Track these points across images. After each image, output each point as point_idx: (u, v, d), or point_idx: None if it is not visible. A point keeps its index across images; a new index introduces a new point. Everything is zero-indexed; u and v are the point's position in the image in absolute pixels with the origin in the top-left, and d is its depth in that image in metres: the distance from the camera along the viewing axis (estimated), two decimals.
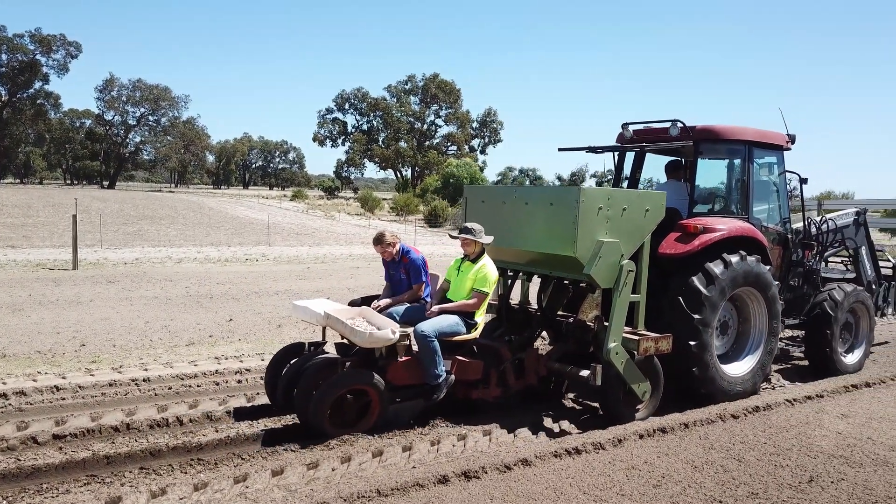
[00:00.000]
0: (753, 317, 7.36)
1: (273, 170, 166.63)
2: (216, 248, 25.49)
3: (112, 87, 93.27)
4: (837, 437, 6.07)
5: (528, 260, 6.77)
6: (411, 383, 5.87)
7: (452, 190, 62.10)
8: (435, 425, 6.02)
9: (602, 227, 6.00)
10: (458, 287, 6.37)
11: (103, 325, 9.67)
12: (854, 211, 9.49)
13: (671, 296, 6.69)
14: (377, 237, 6.71)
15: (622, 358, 6.09)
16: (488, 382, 6.28)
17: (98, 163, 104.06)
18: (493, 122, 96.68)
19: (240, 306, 11.64)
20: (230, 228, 41.37)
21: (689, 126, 7.24)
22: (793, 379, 8.32)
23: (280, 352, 6.34)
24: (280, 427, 5.68)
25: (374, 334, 5.54)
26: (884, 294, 9.76)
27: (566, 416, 6.60)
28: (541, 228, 6.30)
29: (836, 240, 8.89)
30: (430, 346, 5.75)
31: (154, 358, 7.98)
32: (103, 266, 17.48)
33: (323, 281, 15.44)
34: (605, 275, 6.01)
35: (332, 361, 5.86)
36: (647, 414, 6.43)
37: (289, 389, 5.86)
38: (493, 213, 6.83)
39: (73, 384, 6.66)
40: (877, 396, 7.48)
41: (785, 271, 8.14)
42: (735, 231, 6.92)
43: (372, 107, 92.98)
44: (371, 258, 21.84)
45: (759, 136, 7.51)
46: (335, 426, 5.46)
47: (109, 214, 47.32)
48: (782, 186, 8.05)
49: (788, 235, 8.11)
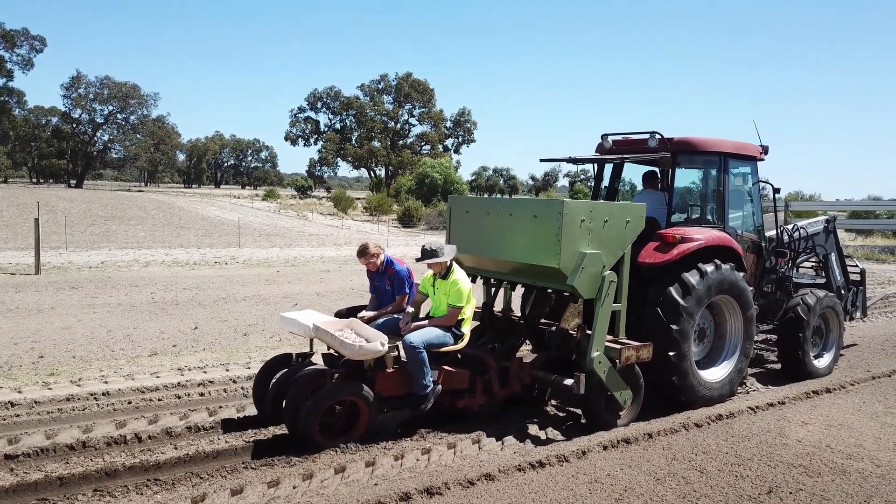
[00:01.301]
0: (729, 323, 7.57)
1: (245, 168, 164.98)
2: (185, 251, 25.12)
3: (79, 85, 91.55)
4: (798, 446, 6.15)
5: (512, 270, 6.85)
6: (399, 394, 5.95)
7: (426, 190, 62.08)
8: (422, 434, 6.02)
9: (584, 238, 6.13)
10: (437, 305, 6.50)
11: (64, 334, 9.45)
12: (824, 219, 9.83)
13: (650, 306, 6.84)
14: (361, 249, 6.79)
15: (605, 367, 6.22)
16: (474, 391, 6.37)
17: (65, 161, 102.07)
18: (467, 121, 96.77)
19: (206, 313, 11.47)
20: (200, 229, 40.85)
21: (666, 138, 7.41)
22: (766, 382, 8.48)
23: (268, 362, 6.38)
24: (241, 444, 5.58)
25: (363, 347, 5.61)
26: (852, 298, 10.07)
27: (549, 422, 6.68)
28: (524, 240, 6.41)
29: (807, 247, 9.17)
30: (419, 357, 5.82)
31: (115, 370, 7.81)
32: (67, 270, 17.12)
33: (292, 285, 15.29)
34: (588, 286, 6.14)
35: (320, 372, 5.91)
36: (629, 420, 6.58)
37: (277, 400, 5.91)
38: (476, 223, 6.93)
39: (29, 399, 6.49)
40: (836, 402, 7.60)
41: (759, 278, 8.38)
42: (712, 241, 7.11)
43: (345, 106, 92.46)
44: (341, 261, 21.71)
45: (734, 148, 7.75)
46: (325, 437, 5.51)
47: (76, 215, 46.44)
48: (756, 196, 8.32)
49: (762, 243, 8.35)
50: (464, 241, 7.06)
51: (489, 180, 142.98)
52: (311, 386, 5.76)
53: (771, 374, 8.92)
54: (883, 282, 20.07)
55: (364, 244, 6.82)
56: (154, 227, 41.06)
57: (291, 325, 6.28)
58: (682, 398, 6.99)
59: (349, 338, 5.77)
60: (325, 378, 5.84)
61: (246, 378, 7.59)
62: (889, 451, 6.13)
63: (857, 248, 30.65)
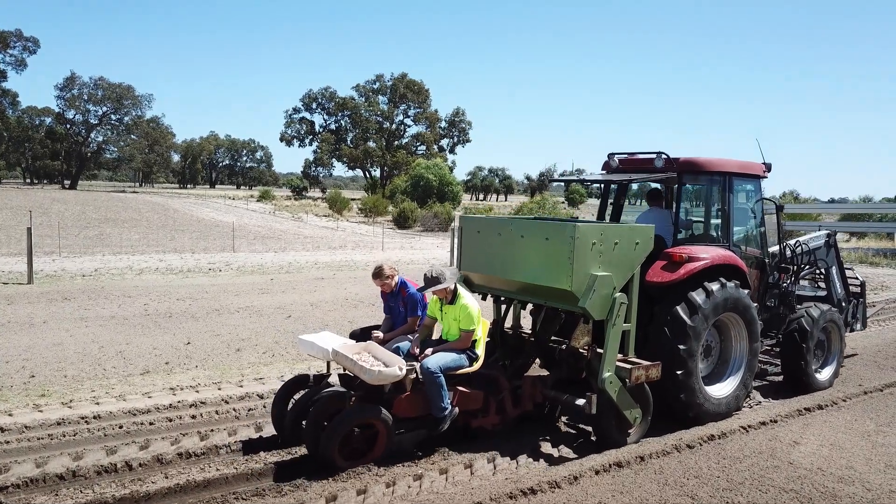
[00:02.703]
0: (735, 339, 7.72)
1: (240, 168, 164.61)
2: (179, 256, 25.05)
3: (73, 86, 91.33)
4: (789, 469, 6.16)
5: (522, 289, 6.95)
6: (415, 415, 6.05)
7: (421, 191, 62.00)
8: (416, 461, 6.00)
9: (595, 261, 6.21)
10: (447, 329, 6.59)
11: (55, 351, 9.41)
12: (825, 233, 10.07)
13: (657, 324, 6.99)
14: (376, 271, 6.92)
15: (615, 386, 6.38)
16: (487, 411, 6.50)
17: (59, 162, 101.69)
18: (462, 121, 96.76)
19: (198, 327, 11.43)
20: (195, 232, 40.74)
21: (672, 158, 7.55)
22: (768, 395, 8.62)
23: (286, 384, 6.48)
24: (232, 472, 5.55)
25: (382, 372, 5.70)
26: (852, 311, 10.26)
27: (561, 439, 6.83)
28: (536, 261, 6.49)
29: (809, 261, 9.35)
30: (437, 381, 5.94)
31: (107, 390, 7.78)
32: (60, 279, 17.06)
33: (285, 295, 15.26)
34: (599, 307, 6.23)
35: (340, 395, 5.99)
36: (639, 437, 6.71)
37: (296, 422, 6.03)
38: (487, 243, 7.03)
39: (20, 424, 6.46)
40: (828, 420, 7.62)
41: (762, 293, 8.55)
42: (717, 259, 7.28)
43: (340, 106, 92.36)
44: (335, 267, 21.68)
45: (738, 168, 7.94)
46: (344, 458, 5.61)
47: (70, 217, 46.30)
48: (759, 212, 8.47)
49: (765, 259, 8.52)
50: (474, 259, 7.23)
51: (484, 180, 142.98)
52: (330, 408, 5.86)
53: (773, 386, 9.00)
54: (877, 287, 20.15)
55: (379, 266, 6.96)
56: (148, 229, 40.94)
57: (310, 348, 6.39)
58: (689, 414, 7.14)
59: (367, 362, 5.87)
60: (344, 400, 5.93)
61: (238, 398, 7.58)
62: (880, 474, 6.15)
63: (850, 250, 30.74)
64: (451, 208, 55.70)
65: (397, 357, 6.03)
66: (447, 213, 51.60)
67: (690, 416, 7.14)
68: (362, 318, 12.65)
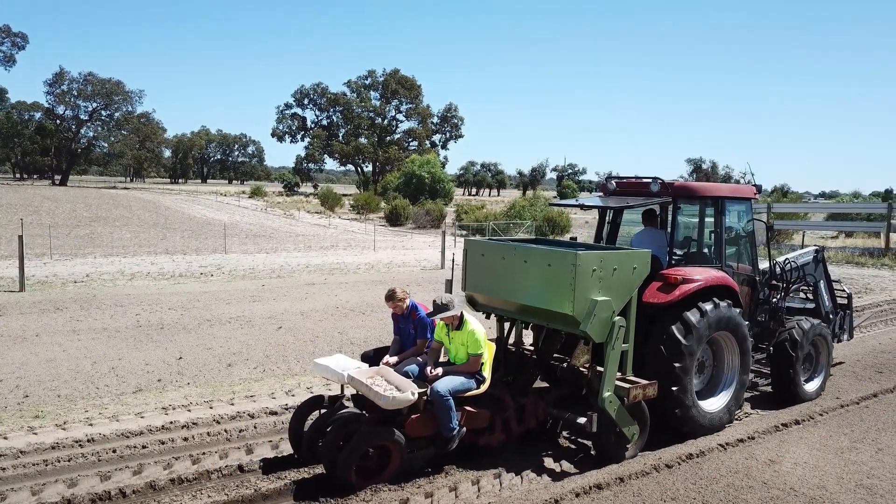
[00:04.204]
0: (727, 356, 8.09)
1: (232, 163, 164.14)
2: (171, 258, 25.13)
3: (62, 81, 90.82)
4: (763, 490, 6.38)
5: (525, 311, 7.29)
6: (426, 435, 6.40)
7: (413, 189, 62.08)
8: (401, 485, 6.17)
9: (596, 286, 6.56)
10: (454, 354, 6.93)
11: (48, 368, 9.53)
12: (814, 250, 10.53)
13: (654, 344, 7.33)
14: (389, 294, 7.23)
15: (615, 405, 6.74)
16: (493, 429, 6.87)
17: (49, 158, 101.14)
18: (454, 117, 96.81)
19: (190, 340, 11.58)
20: (187, 230, 40.75)
21: (667, 183, 7.92)
22: (757, 406, 9.00)
23: (303, 404, 6.82)
24: (223, 499, 5.73)
25: (397, 397, 6.02)
26: (839, 322, 10.71)
27: (563, 455, 7.18)
28: (538, 286, 6.83)
29: (798, 277, 9.77)
30: (446, 403, 6.30)
31: (100, 410, 7.93)
32: (52, 286, 17.14)
33: (277, 303, 15.40)
34: (599, 331, 6.58)
35: (355, 417, 6.33)
36: (636, 452, 7.06)
37: (314, 440, 6.41)
38: (491, 265, 7.36)
39: (15, 450, 6.60)
40: (804, 436, 7.85)
41: (753, 309, 8.92)
42: (711, 281, 7.62)
43: (331, 102, 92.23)
44: (326, 271, 21.82)
45: (730, 192, 8.35)
46: (360, 478, 5.96)
47: (61, 216, 46.19)
48: (751, 232, 8.83)
49: (756, 277, 8.88)
50: (479, 281, 7.58)
51: (477, 175, 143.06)
52: (346, 430, 6.19)
53: (762, 397, 9.35)
54: (861, 290, 20.42)
55: (392, 290, 7.24)
56: (140, 228, 40.92)
57: (325, 372, 6.77)
58: (684, 429, 7.48)
59: (381, 386, 6.21)
60: (358, 422, 6.27)
61: (229, 418, 7.74)
62: (850, 494, 6.37)
63: (837, 249, 31.09)
64: (443, 205, 55.82)
65: (409, 381, 6.36)
66: (439, 211, 51.75)
67: (685, 431, 7.49)
68: (353, 328, 12.83)
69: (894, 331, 14.47)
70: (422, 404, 6.35)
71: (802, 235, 35.27)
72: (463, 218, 47.52)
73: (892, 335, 13.91)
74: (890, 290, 20.90)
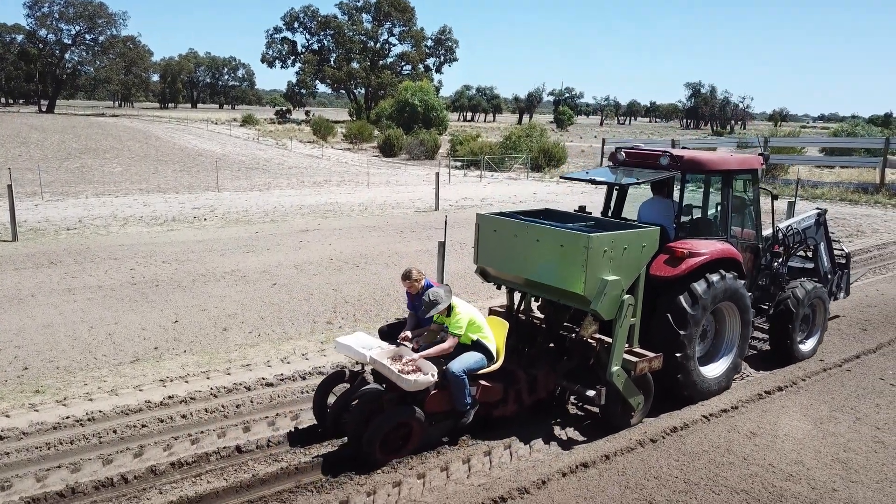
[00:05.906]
0: (729, 324, 8.41)
1: (222, 87, 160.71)
2: (163, 197, 25.04)
3: (43, 3, 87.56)
4: (742, 465, 6.64)
5: (535, 287, 7.55)
6: (443, 410, 6.80)
7: (407, 117, 61.13)
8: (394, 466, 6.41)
9: (606, 266, 6.84)
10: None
11: (46, 336, 9.65)
12: (815, 213, 10.77)
13: (660, 313, 7.61)
14: (405, 274, 7.62)
15: (622, 379, 7.10)
16: (507, 401, 7.22)
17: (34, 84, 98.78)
18: (448, 40, 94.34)
19: (185, 298, 11.68)
20: (178, 162, 40.42)
21: (676, 155, 8.04)
22: (757, 366, 9.33)
23: (326, 379, 7.20)
24: (223, 485, 5.94)
25: (418, 380, 6.41)
26: (837, 281, 11.13)
27: (571, 422, 7.56)
28: (550, 265, 7.08)
29: (799, 241, 10.10)
30: (461, 381, 6.70)
31: (98, 383, 8.08)
32: (45, 234, 17.13)
33: (271, 254, 15.47)
34: (609, 309, 6.91)
35: (376, 394, 6.66)
36: (640, 419, 7.51)
37: (338, 415, 6.83)
38: (503, 241, 7.60)
39: (18, 431, 6.77)
40: (785, 405, 8.10)
41: (755, 275, 9.27)
42: (716, 254, 7.86)
43: (322, 25, 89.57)
44: (320, 214, 21.78)
45: (738, 164, 8.51)
46: (383, 453, 6.38)
47: (50, 147, 45.63)
48: (756, 200, 9.03)
49: (759, 244, 9.18)
50: (491, 255, 7.82)
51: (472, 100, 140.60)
52: (370, 407, 6.55)
53: (761, 356, 9.74)
54: (853, 233, 20.54)
55: (408, 270, 7.61)
56: (131, 160, 40.53)
57: (348, 351, 7.08)
58: (684, 393, 7.85)
59: (403, 368, 6.56)
60: (380, 398, 6.63)
61: (226, 391, 7.92)
62: (826, 469, 6.64)
63: (831, 185, 31.07)
64: (437, 135, 55.10)
65: (428, 363, 6.66)
66: (434, 141, 51.13)
67: (685, 395, 7.87)
68: (347, 284, 12.94)
69: (882, 281, 14.59)
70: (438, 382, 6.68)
71: (798, 172, 35.15)
72: (458, 150, 46.99)
73: (879, 286, 14.06)
74: (881, 232, 21.00)
